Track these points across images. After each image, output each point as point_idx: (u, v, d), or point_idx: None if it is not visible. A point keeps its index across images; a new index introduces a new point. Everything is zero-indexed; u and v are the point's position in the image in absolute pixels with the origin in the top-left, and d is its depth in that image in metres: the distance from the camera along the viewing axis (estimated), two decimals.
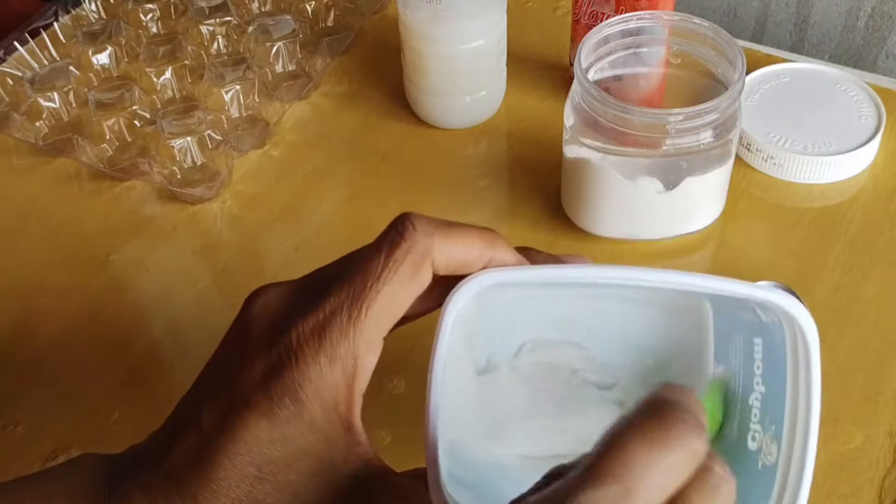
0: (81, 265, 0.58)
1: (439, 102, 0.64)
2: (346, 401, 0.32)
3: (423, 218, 0.33)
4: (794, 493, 0.33)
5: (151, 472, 0.32)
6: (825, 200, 0.59)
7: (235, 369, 0.32)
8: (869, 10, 0.79)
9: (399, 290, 0.32)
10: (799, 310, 0.33)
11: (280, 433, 0.31)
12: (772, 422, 0.35)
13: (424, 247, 0.32)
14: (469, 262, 0.34)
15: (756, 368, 0.36)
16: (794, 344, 0.34)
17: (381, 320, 0.32)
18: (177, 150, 0.62)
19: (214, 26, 0.71)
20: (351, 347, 0.32)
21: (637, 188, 0.53)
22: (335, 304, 0.32)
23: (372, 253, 0.33)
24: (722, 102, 0.49)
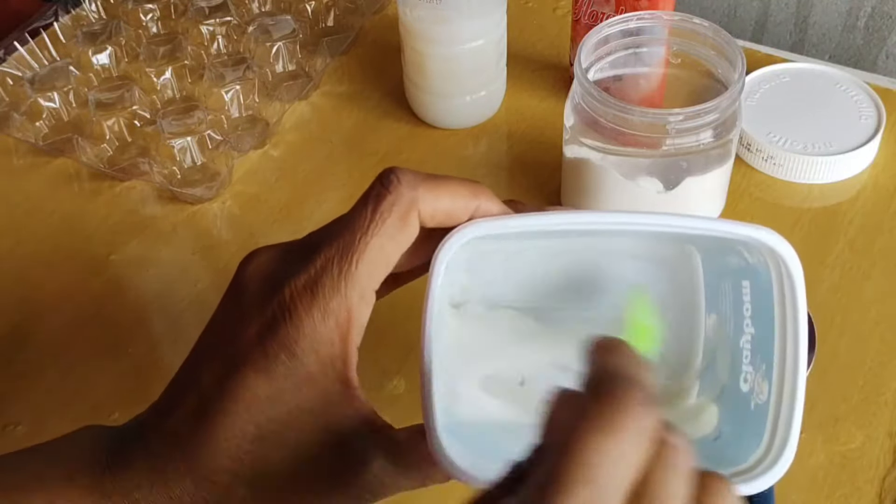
0: (81, 265, 0.58)
1: (439, 102, 0.64)
2: (341, 354, 0.32)
3: (407, 171, 0.34)
4: (786, 429, 0.34)
5: (153, 436, 0.33)
6: (825, 200, 0.59)
7: (231, 330, 0.33)
8: (869, 10, 0.79)
9: (387, 242, 0.33)
10: (782, 245, 0.33)
11: (277, 389, 0.32)
12: (762, 361, 0.35)
13: (410, 198, 0.33)
14: (455, 212, 0.34)
15: (745, 311, 0.36)
16: (779, 280, 0.34)
17: (372, 272, 0.33)
18: (177, 150, 0.62)
19: (214, 26, 0.71)
20: (343, 300, 0.32)
21: (637, 188, 0.53)
22: (325, 259, 0.32)
23: (359, 207, 0.33)
24: (722, 102, 0.49)
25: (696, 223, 0.34)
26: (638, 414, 0.26)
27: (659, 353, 0.39)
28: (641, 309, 0.37)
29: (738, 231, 0.33)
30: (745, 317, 0.36)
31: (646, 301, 0.38)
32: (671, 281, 0.39)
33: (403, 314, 0.41)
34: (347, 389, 0.33)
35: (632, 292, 0.38)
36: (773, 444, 0.34)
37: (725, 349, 0.38)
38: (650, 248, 0.39)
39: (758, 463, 0.34)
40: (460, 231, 0.34)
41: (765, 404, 0.35)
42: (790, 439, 0.34)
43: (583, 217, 0.35)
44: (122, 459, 0.33)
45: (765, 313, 0.35)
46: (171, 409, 0.33)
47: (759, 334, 0.36)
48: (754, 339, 0.36)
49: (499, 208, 0.35)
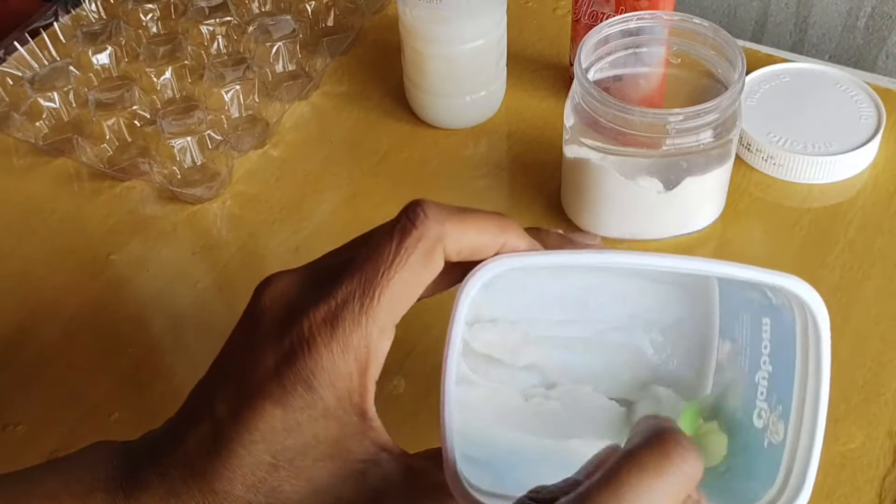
0: (81, 265, 0.58)
1: (439, 102, 0.64)
2: (359, 389, 0.32)
3: (434, 204, 0.33)
4: (802, 474, 0.34)
5: (168, 460, 0.33)
6: (825, 200, 0.59)
7: (248, 358, 0.33)
8: (869, 10, 0.79)
9: (411, 278, 0.32)
10: (810, 294, 0.33)
11: (294, 421, 0.31)
12: (779, 401, 0.35)
13: (436, 234, 0.32)
14: (481, 248, 0.33)
15: (763, 347, 0.36)
16: (804, 328, 0.34)
17: (394, 308, 0.32)
18: (177, 150, 0.62)
19: (214, 26, 0.71)
20: (363, 336, 0.32)
21: (637, 188, 0.53)
22: (347, 293, 0.32)
23: (383, 240, 0.33)
24: (722, 102, 0.49)
25: (724, 269, 0.34)
26: (683, 458, 0.27)
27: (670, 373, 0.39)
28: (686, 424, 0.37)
29: (767, 279, 0.33)
30: (763, 353, 0.36)
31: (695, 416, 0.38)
32: (687, 303, 0.39)
33: (404, 314, 0.41)
34: (364, 421, 0.33)
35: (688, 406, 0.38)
36: (786, 486, 0.34)
37: (739, 380, 0.38)
38: (670, 273, 0.39)
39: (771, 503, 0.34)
40: (485, 268, 0.33)
41: (780, 445, 0.34)
42: (805, 485, 0.33)
43: (607, 257, 0.35)
44: (137, 482, 0.33)
45: (785, 354, 0.35)
46: (185, 435, 0.33)
47: (777, 373, 0.36)
48: (771, 377, 0.36)
49: (526, 243, 0.35)
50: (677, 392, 0.39)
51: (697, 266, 0.34)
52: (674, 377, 0.39)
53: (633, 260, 0.35)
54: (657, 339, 0.39)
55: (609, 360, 0.39)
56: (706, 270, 0.34)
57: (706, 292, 0.39)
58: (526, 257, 0.34)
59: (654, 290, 0.39)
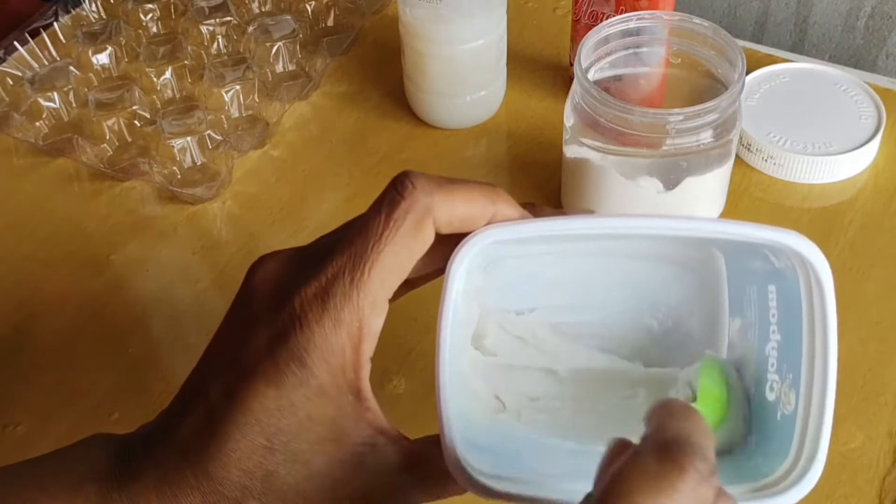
0: (81, 265, 0.58)
1: (439, 102, 0.64)
2: (353, 365, 0.32)
3: (422, 175, 0.33)
4: (815, 441, 0.33)
5: (162, 448, 0.32)
6: (825, 200, 0.59)
7: (240, 340, 0.32)
8: (869, 11, 0.79)
9: (401, 250, 0.32)
10: (811, 250, 0.32)
11: (288, 400, 0.31)
12: (789, 370, 0.34)
13: (425, 205, 0.32)
14: (471, 218, 0.33)
15: (771, 317, 0.35)
16: (808, 287, 0.33)
17: (385, 281, 0.32)
18: (177, 150, 0.62)
19: (214, 26, 0.71)
20: (355, 310, 0.31)
21: (637, 188, 0.53)
22: (337, 267, 0.32)
23: (372, 213, 0.32)
24: (722, 102, 0.49)
25: (721, 227, 0.33)
26: (697, 484, 0.26)
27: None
28: (712, 378, 0.36)
29: (766, 235, 0.32)
30: (772, 323, 0.35)
31: (717, 370, 0.36)
32: (694, 283, 0.38)
33: (404, 314, 0.41)
34: (359, 400, 0.32)
35: (704, 361, 0.36)
36: (800, 456, 0.33)
37: (750, 356, 0.37)
38: (673, 251, 0.38)
39: (785, 475, 0.33)
40: (475, 237, 0.33)
41: (792, 415, 0.33)
42: (818, 453, 0.32)
43: (602, 222, 0.34)
44: (131, 471, 0.32)
45: (792, 320, 0.34)
46: (179, 421, 0.33)
47: (785, 342, 0.35)
48: (780, 346, 0.35)
49: (517, 213, 0.34)
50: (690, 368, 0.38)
51: (692, 226, 0.33)
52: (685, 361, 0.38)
53: (626, 223, 0.34)
54: (666, 321, 0.38)
55: (618, 345, 0.39)
56: (702, 230, 0.33)
57: (713, 271, 0.38)
58: (516, 226, 0.33)
59: (661, 270, 0.38)
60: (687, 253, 0.38)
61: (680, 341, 0.39)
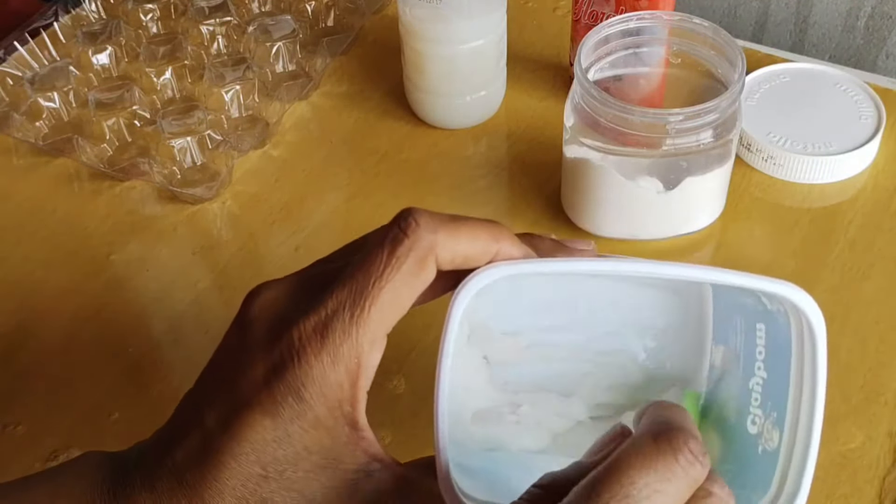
0: (81, 265, 0.58)
1: (439, 102, 0.64)
2: (350, 399, 0.32)
3: (426, 213, 0.33)
4: (796, 483, 0.33)
5: (156, 472, 0.32)
6: (825, 200, 0.59)
7: (237, 369, 0.32)
8: (869, 10, 0.79)
9: (402, 288, 0.32)
10: (807, 301, 0.33)
11: (284, 432, 0.31)
12: (773, 408, 0.35)
13: (428, 243, 0.32)
14: (474, 256, 0.33)
15: (758, 353, 0.36)
16: (799, 335, 0.34)
17: (385, 318, 0.32)
18: (177, 150, 0.62)
19: (214, 26, 0.71)
20: (354, 346, 0.31)
21: (637, 188, 0.53)
22: (337, 303, 0.31)
23: (374, 249, 0.32)
24: (722, 102, 0.49)
25: (719, 276, 0.34)
26: (689, 464, 0.28)
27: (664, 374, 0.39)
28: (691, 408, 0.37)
29: (763, 287, 0.33)
30: (758, 359, 0.36)
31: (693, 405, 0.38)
32: (680, 307, 0.39)
33: (405, 314, 0.41)
34: (355, 431, 0.32)
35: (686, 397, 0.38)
36: (781, 493, 0.34)
37: (733, 385, 0.37)
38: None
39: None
40: (475, 278, 0.33)
41: (774, 453, 0.34)
42: (800, 492, 0.33)
43: (602, 265, 0.35)
44: (126, 493, 0.32)
45: (780, 362, 0.35)
46: (174, 445, 0.33)
47: (771, 380, 0.35)
48: (766, 383, 0.36)
49: (519, 252, 0.34)
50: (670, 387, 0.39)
51: (691, 273, 0.34)
52: (668, 381, 0.39)
53: (626, 268, 0.34)
54: (650, 344, 0.39)
55: (601, 366, 0.39)
56: (700, 277, 0.34)
57: (700, 297, 0.38)
58: (519, 265, 0.34)
59: (647, 294, 0.39)
60: (677, 281, 0.38)
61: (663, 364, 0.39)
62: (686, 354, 0.39)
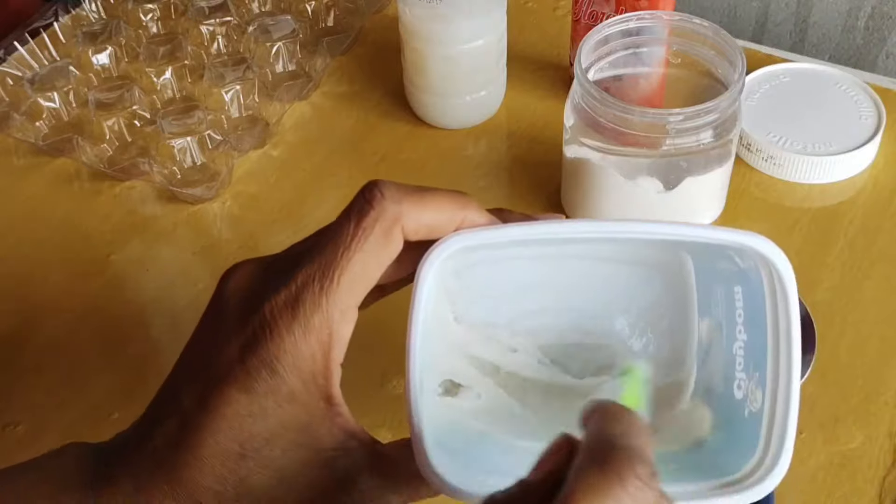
0: (81, 265, 0.58)
1: (439, 102, 0.64)
2: (323, 371, 0.32)
3: (391, 184, 0.33)
4: (781, 437, 0.33)
5: (136, 456, 0.33)
6: (825, 200, 0.59)
7: (211, 348, 0.33)
8: (869, 10, 0.79)
9: (370, 258, 0.32)
10: (773, 251, 0.33)
11: (259, 407, 0.31)
12: (755, 368, 0.35)
13: (393, 213, 0.32)
14: (440, 226, 0.34)
15: (738, 317, 0.36)
16: (771, 286, 0.34)
17: (354, 289, 0.32)
18: (177, 150, 0.62)
19: (214, 26, 0.71)
20: (325, 317, 0.32)
21: (637, 188, 0.53)
22: (306, 276, 0.32)
23: (341, 222, 0.33)
24: (722, 102, 0.49)
25: (686, 230, 0.34)
26: (638, 491, 0.26)
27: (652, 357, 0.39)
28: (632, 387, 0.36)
29: (729, 238, 0.33)
30: (738, 323, 0.36)
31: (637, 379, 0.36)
32: (664, 285, 0.39)
33: (403, 314, 0.41)
34: (330, 406, 0.32)
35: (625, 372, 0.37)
36: (767, 453, 0.33)
37: (719, 355, 0.37)
38: (642, 254, 0.38)
39: (752, 472, 0.33)
40: (443, 243, 0.33)
41: (758, 412, 0.34)
42: (784, 449, 0.33)
43: (565, 227, 0.35)
44: (107, 479, 0.33)
45: (757, 319, 0.35)
46: (152, 428, 0.33)
47: (751, 341, 0.35)
48: (747, 345, 0.36)
49: (485, 220, 0.35)
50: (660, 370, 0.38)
51: (658, 230, 0.34)
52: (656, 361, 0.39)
53: (592, 228, 0.34)
54: (635, 322, 0.39)
55: (586, 348, 0.39)
56: (667, 233, 0.34)
57: (681, 272, 0.38)
58: (484, 231, 0.34)
59: (629, 272, 0.38)
60: (655, 255, 0.38)
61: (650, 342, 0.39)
62: (673, 331, 0.39)
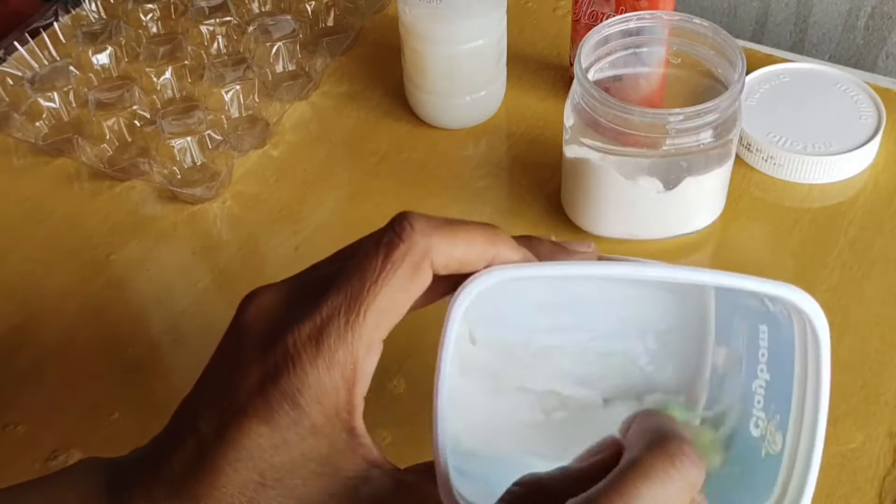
0: (81, 265, 0.58)
1: (439, 102, 0.64)
2: (346, 405, 0.31)
3: (421, 217, 0.32)
4: (799, 487, 0.34)
5: (153, 480, 0.32)
6: (825, 200, 0.59)
7: (232, 376, 0.32)
8: (869, 10, 0.79)
9: (397, 293, 0.32)
10: (809, 304, 0.33)
11: (281, 439, 0.31)
12: (776, 411, 0.35)
13: (423, 247, 0.32)
14: (470, 261, 0.33)
15: (761, 356, 0.36)
16: (802, 336, 0.34)
17: (380, 323, 0.32)
18: (177, 150, 0.62)
19: (214, 26, 0.71)
20: (350, 352, 0.31)
21: (637, 188, 0.53)
22: (332, 308, 0.31)
23: (369, 253, 0.32)
24: (722, 102, 0.49)
25: (721, 279, 0.33)
26: (688, 466, 0.28)
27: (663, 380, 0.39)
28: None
29: (765, 289, 0.33)
30: (761, 361, 0.36)
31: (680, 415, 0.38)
32: (682, 310, 0.38)
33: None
34: (353, 438, 0.32)
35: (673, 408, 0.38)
36: (784, 497, 0.34)
37: (735, 387, 0.37)
38: None
39: None
40: (472, 284, 0.32)
41: (778, 456, 0.34)
42: (804, 497, 0.33)
43: (596, 269, 0.35)
44: (124, 500, 0.32)
45: (783, 364, 0.34)
46: (170, 453, 0.32)
47: (774, 383, 0.35)
48: (769, 385, 0.35)
49: (517, 256, 0.34)
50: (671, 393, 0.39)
51: (693, 276, 0.33)
52: (668, 385, 0.39)
53: (626, 271, 0.34)
54: (651, 346, 0.39)
55: (602, 368, 0.39)
56: (702, 280, 0.34)
57: (701, 298, 0.38)
58: (517, 269, 0.33)
59: (648, 295, 0.38)
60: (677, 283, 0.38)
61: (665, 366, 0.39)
62: (687, 356, 0.39)
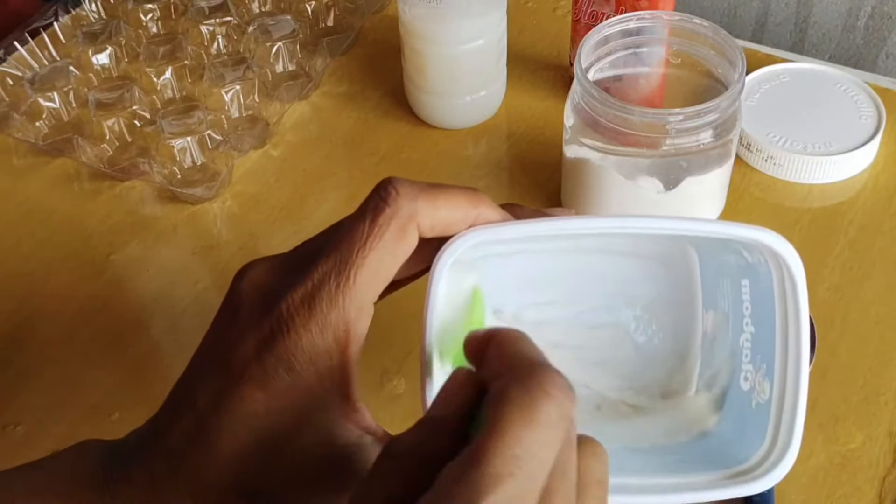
0: (81, 265, 0.58)
1: (439, 102, 0.64)
2: (340, 368, 0.32)
3: (406, 181, 0.33)
4: (789, 429, 0.34)
5: (151, 454, 0.33)
6: (825, 200, 0.59)
7: (228, 345, 0.32)
8: (869, 10, 0.79)
9: (386, 255, 0.32)
10: (784, 245, 0.33)
11: (277, 405, 0.31)
12: (762, 360, 0.35)
13: (408, 210, 0.33)
14: (454, 222, 0.34)
15: (745, 310, 0.36)
16: (780, 280, 0.34)
17: (370, 286, 0.32)
18: (177, 150, 0.62)
19: (214, 26, 0.71)
20: (341, 314, 0.32)
21: (637, 188, 0.53)
22: (323, 273, 0.32)
23: (356, 219, 0.33)
24: (722, 102, 0.49)
25: (696, 226, 0.34)
26: (562, 400, 0.27)
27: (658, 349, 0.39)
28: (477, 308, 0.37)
29: (739, 233, 0.33)
30: (745, 315, 0.36)
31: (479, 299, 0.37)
32: (668, 278, 0.39)
33: (404, 314, 0.41)
34: (347, 402, 0.32)
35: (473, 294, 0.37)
36: (775, 444, 0.34)
37: (724, 347, 0.38)
38: (648, 247, 0.39)
39: (760, 462, 0.34)
40: (458, 240, 0.33)
41: (766, 403, 0.34)
42: (793, 440, 0.34)
43: (577, 223, 0.35)
44: (122, 476, 0.33)
45: (765, 312, 0.35)
46: (168, 427, 0.33)
47: (759, 333, 0.36)
48: (754, 337, 0.36)
49: (498, 216, 0.35)
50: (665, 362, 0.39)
51: (669, 225, 0.34)
52: (660, 353, 0.39)
53: (603, 224, 0.35)
54: (641, 315, 0.39)
55: (592, 340, 0.39)
56: (679, 229, 0.34)
57: (686, 264, 0.39)
58: (498, 228, 0.34)
59: (635, 265, 0.39)
60: (661, 248, 0.39)
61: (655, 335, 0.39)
62: (677, 324, 0.39)
